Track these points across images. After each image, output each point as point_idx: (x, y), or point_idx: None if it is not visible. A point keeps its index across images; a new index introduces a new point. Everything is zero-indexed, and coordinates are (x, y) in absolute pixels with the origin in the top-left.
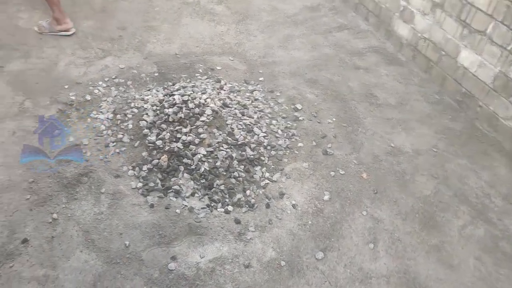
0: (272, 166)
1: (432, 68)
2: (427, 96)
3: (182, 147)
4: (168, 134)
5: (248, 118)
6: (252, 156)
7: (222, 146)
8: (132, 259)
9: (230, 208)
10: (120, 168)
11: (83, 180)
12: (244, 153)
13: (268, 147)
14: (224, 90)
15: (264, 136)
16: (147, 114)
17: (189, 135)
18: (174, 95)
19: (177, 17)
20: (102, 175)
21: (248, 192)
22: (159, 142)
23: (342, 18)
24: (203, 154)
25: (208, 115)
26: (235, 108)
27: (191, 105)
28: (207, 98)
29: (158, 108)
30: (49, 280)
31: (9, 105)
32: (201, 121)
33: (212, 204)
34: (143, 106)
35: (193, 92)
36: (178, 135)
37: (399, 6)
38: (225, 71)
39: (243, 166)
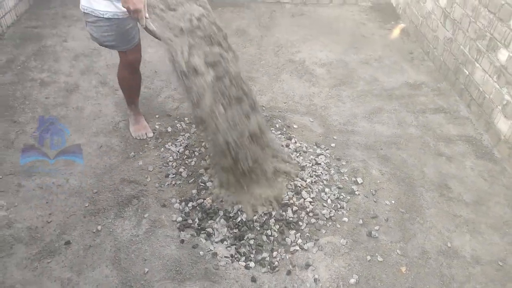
0: (307, 234)
1: None
2: None
3: None
4: None
5: (300, 180)
6: (291, 219)
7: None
8: (145, 286)
9: (251, 264)
10: (169, 199)
11: (133, 202)
12: (284, 213)
13: (311, 214)
14: (289, 148)
15: (310, 202)
16: (209, 155)
17: None
18: None
19: (277, 72)
20: (151, 201)
21: (275, 253)
22: (209, 184)
23: (442, 100)
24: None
25: None
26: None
27: None
28: None
29: None
30: (70, 284)
31: (108, 123)
32: None
33: (236, 256)
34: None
35: None
36: None
37: (503, 100)
38: (300, 131)
39: (278, 226)
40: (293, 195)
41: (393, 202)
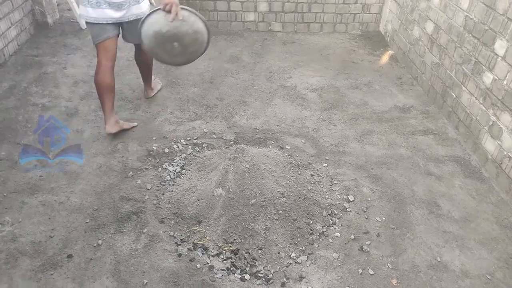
0: (301, 248)
1: None
2: (500, 219)
3: None
4: None
5: None
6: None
7: None
8: None
9: (247, 277)
10: (167, 215)
11: (132, 218)
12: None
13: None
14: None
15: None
16: None
17: None
18: None
19: (270, 97)
20: (149, 217)
21: (269, 266)
22: None
23: (431, 123)
24: None
25: None
26: None
27: None
28: None
29: None
30: None
31: (107, 145)
32: None
33: (231, 269)
34: None
35: None
36: None
37: (489, 121)
38: (293, 151)
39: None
40: None
41: (384, 218)
